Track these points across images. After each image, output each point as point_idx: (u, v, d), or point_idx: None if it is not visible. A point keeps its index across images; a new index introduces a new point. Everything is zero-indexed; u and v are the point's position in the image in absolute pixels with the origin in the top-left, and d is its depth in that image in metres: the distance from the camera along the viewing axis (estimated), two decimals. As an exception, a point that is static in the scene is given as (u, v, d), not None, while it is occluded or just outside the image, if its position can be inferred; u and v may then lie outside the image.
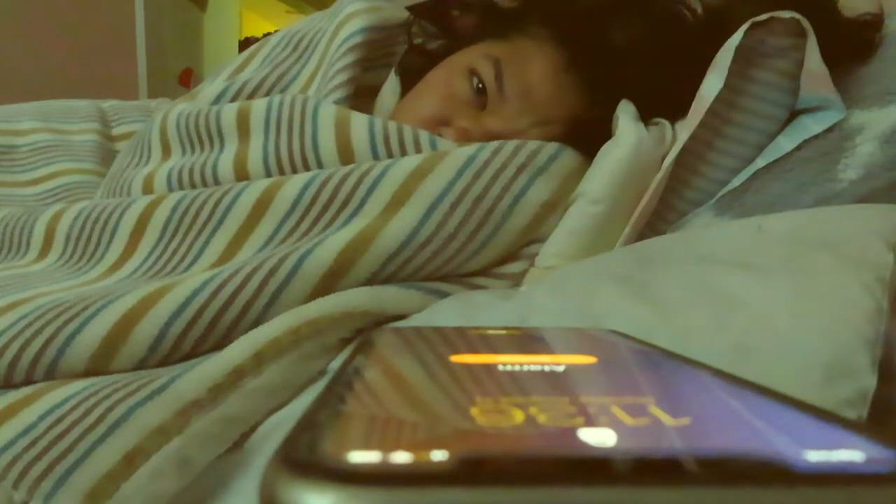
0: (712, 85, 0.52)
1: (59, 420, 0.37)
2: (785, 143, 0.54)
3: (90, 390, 0.39)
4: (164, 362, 0.43)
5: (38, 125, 0.82)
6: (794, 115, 0.55)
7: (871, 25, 0.57)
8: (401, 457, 0.10)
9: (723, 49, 0.53)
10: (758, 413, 0.13)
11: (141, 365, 0.42)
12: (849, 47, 0.56)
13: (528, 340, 0.24)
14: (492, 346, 0.22)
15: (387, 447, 0.10)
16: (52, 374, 0.41)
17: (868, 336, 0.33)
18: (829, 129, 0.52)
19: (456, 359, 0.18)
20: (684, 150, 0.54)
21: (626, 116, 0.57)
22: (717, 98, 0.52)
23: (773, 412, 0.13)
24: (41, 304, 0.44)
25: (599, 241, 0.54)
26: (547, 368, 0.17)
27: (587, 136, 0.59)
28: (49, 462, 0.36)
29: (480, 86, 0.60)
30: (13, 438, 0.37)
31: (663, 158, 0.55)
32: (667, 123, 0.59)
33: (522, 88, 0.59)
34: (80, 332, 0.42)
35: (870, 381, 0.32)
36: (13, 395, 0.40)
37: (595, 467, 0.10)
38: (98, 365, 0.42)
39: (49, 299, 0.45)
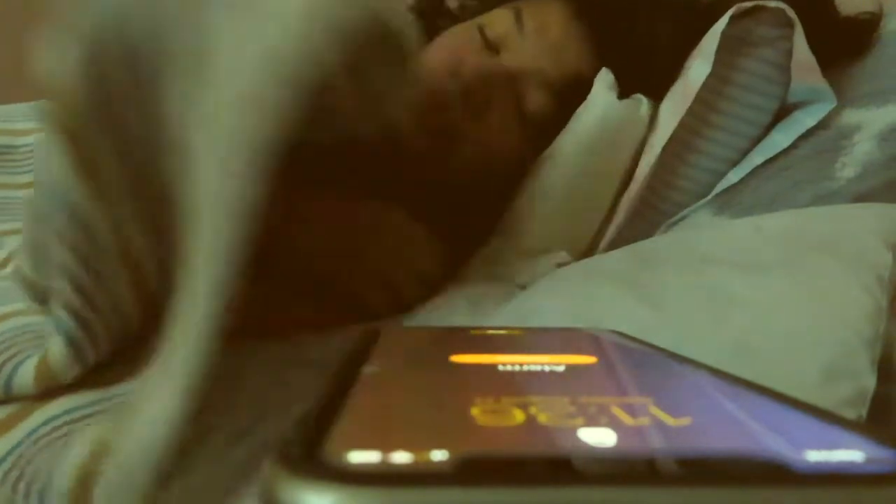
0: (699, 71, 0.52)
1: (38, 440, 0.37)
2: (780, 138, 0.54)
3: (70, 416, 0.39)
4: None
5: (37, 125, 0.82)
6: (788, 110, 0.55)
7: (867, 24, 0.57)
8: (401, 457, 0.10)
9: (708, 35, 0.53)
10: (758, 413, 0.13)
11: None
12: (842, 45, 0.56)
13: (528, 340, 0.24)
14: (492, 346, 0.22)
15: (387, 447, 0.10)
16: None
17: (867, 336, 0.33)
18: (827, 128, 0.52)
19: (456, 359, 0.18)
20: (671, 138, 0.54)
21: (599, 84, 0.57)
22: (703, 86, 0.52)
23: (773, 412, 0.13)
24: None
25: (571, 205, 0.54)
26: (547, 368, 0.17)
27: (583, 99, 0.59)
28: (29, 479, 0.36)
29: (496, 38, 0.60)
30: (8, 451, 0.37)
31: (640, 131, 0.56)
32: (644, 99, 0.58)
33: (539, 25, 0.60)
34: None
35: (869, 381, 0.32)
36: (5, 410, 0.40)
37: (595, 467, 0.10)
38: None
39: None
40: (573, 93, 0.59)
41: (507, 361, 0.18)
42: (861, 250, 0.37)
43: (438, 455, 0.10)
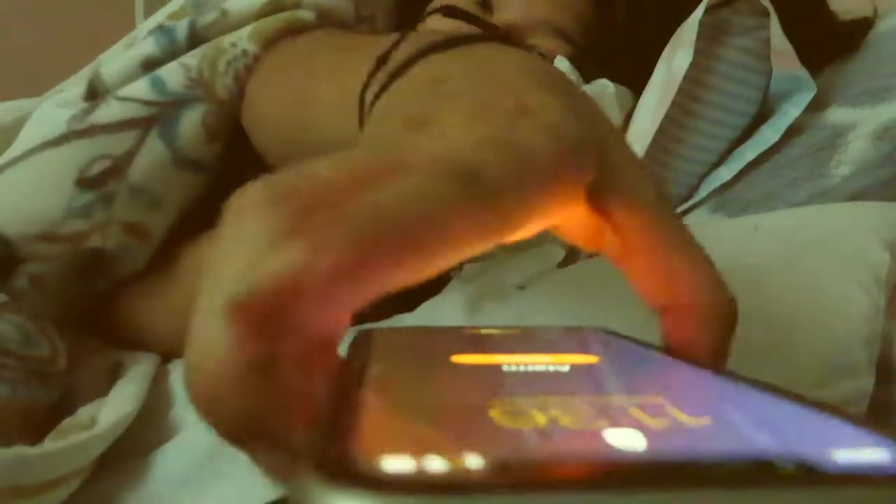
0: (682, 60, 0.52)
1: None
2: (769, 133, 0.54)
3: None
4: None
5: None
6: (774, 107, 0.55)
7: (860, 25, 0.58)
8: (436, 463, 0.09)
9: (686, 24, 0.53)
10: (776, 412, 0.13)
11: None
12: (836, 46, 0.57)
13: (528, 340, 0.24)
14: (493, 346, 0.22)
15: (419, 453, 0.10)
16: None
17: (865, 335, 0.34)
18: (822, 126, 0.52)
19: (458, 359, 0.18)
20: (658, 130, 0.53)
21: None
22: (686, 76, 0.52)
23: (794, 412, 0.13)
24: None
25: None
26: (552, 368, 0.17)
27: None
28: None
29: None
30: None
31: (610, 115, 0.56)
32: (609, 83, 0.58)
33: None
34: None
35: (867, 381, 0.33)
36: None
37: (636, 471, 0.10)
38: None
39: None
40: (593, 40, 0.58)
41: (510, 362, 0.17)
42: (858, 249, 0.37)
43: (474, 461, 0.09)
